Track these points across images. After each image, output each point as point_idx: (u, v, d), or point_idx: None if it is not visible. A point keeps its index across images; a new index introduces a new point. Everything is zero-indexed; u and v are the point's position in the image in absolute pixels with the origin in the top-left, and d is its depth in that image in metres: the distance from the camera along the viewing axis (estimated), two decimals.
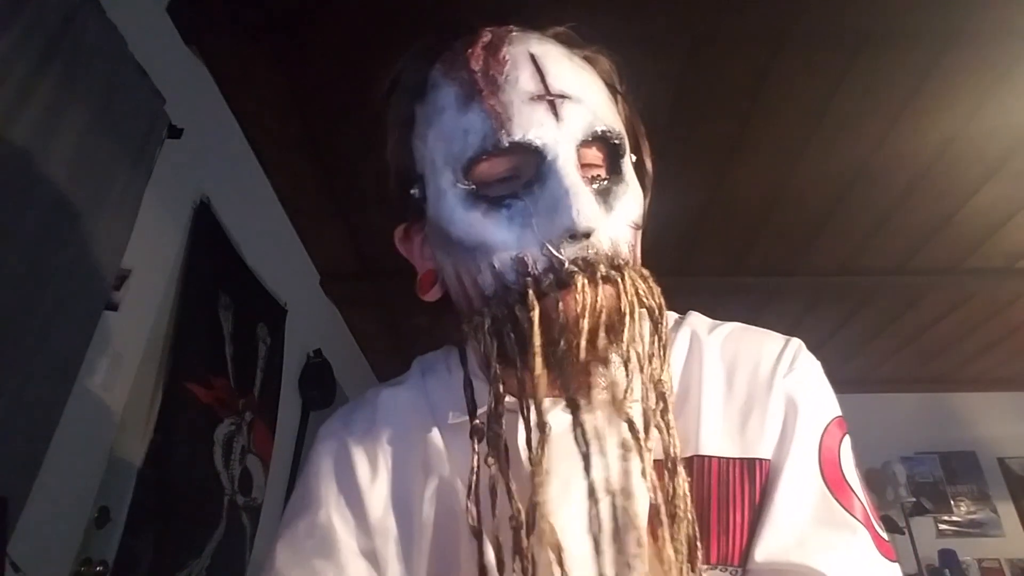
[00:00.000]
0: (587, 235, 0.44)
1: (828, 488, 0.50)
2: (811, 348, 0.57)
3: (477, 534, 0.45)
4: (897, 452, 3.59)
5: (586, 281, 0.44)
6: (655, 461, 0.43)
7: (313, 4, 1.66)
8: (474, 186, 0.48)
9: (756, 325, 0.59)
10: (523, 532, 0.41)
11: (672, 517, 0.42)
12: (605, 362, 0.44)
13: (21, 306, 1.10)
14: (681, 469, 0.44)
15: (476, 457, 0.47)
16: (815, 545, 0.47)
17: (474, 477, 0.46)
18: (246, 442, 1.96)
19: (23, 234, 1.11)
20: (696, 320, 0.60)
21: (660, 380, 0.45)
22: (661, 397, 0.45)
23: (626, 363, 0.44)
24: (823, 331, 3.25)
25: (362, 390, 0.66)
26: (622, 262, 0.46)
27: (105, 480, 1.38)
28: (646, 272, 0.49)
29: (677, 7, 1.64)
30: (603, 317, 0.44)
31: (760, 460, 0.51)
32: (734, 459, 0.51)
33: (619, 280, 0.45)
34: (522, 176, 0.47)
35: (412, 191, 0.52)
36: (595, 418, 0.42)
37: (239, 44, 1.76)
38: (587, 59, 0.54)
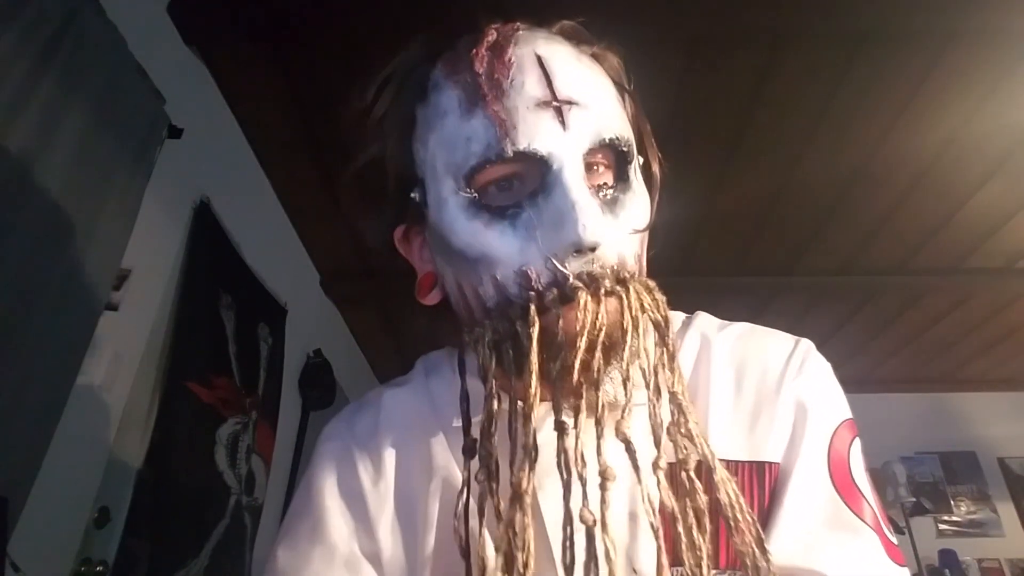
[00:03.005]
0: (593, 249, 0.43)
1: (837, 492, 0.49)
2: None
3: (465, 554, 0.44)
4: (897, 452, 3.58)
5: (589, 297, 0.42)
6: (695, 466, 0.41)
7: (313, 4, 1.66)
8: (475, 194, 0.46)
9: (757, 325, 0.59)
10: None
11: (734, 521, 0.40)
12: (597, 384, 0.42)
13: (21, 306, 1.10)
14: (726, 474, 0.41)
15: (466, 474, 0.45)
16: (824, 549, 0.47)
17: (464, 495, 0.44)
18: (251, 441, 1.96)
19: (23, 234, 1.11)
20: (704, 321, 0.59)
21: (674, 392, 0.43)
22: (679, 409, 0.43)
23: (625, 381, 0.42)
24: (823, 331, 3.24)
25: (362, 390, 0.65)
26: (627, 275, 0.45)
27: (105, 480, 1.38)
28: (651, 283, 0.47)
29: (677, 7, 1.64)
30: (602, 335, 0.42)
31: (769, 463, 0.51)
32: (742, 462, 0.51)
33: (623, 295, 0.43)
34: (525, 183, 0.46)
35: (412, 195, 0.50)
36: (582, 443, 0.40)
37: (239, 44, 1.76)
38: (595, 56, 0.52)
